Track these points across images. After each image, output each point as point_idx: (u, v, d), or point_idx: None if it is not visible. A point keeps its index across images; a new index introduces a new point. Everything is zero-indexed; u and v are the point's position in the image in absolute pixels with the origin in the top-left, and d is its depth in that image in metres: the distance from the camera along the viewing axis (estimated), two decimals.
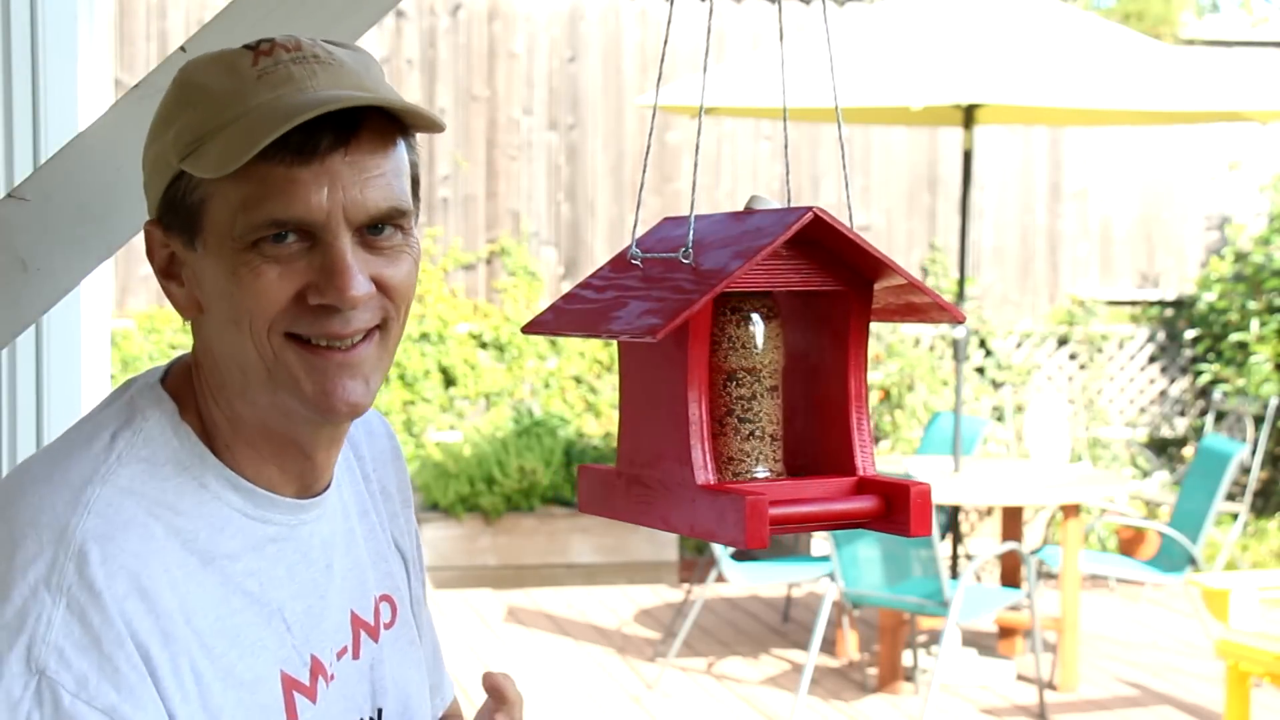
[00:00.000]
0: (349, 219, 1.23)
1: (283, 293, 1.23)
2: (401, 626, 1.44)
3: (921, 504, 1.09)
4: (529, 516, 8.21)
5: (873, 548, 5.74)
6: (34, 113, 1.95)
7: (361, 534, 1.42)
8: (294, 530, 1.31)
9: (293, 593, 1.30)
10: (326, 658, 1.31)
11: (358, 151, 1.24)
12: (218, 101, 1.24)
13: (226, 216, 1.23)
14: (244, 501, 1.29)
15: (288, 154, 1.21)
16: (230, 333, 1.26)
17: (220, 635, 1.24)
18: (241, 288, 1.23)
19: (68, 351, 2.04)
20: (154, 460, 1.26)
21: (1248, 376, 9.39)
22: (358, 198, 1.23)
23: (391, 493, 1.51)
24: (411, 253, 1.30)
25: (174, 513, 1.25)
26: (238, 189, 1.22)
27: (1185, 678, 6.62)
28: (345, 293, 1.22)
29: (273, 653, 1.27)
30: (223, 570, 1.26)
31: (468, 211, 9.23)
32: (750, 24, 9.48)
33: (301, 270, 1.23)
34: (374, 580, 1.41)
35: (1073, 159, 9.97)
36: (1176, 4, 10.42)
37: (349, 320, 1.24)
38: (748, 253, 1.06)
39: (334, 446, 1.34)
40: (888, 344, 9.36)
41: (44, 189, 1.57)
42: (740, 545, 1.03)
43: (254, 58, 1.25)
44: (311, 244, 1.24)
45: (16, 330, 1.63)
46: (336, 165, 1.23)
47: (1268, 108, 6.55)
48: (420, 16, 9.15)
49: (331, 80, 1.25)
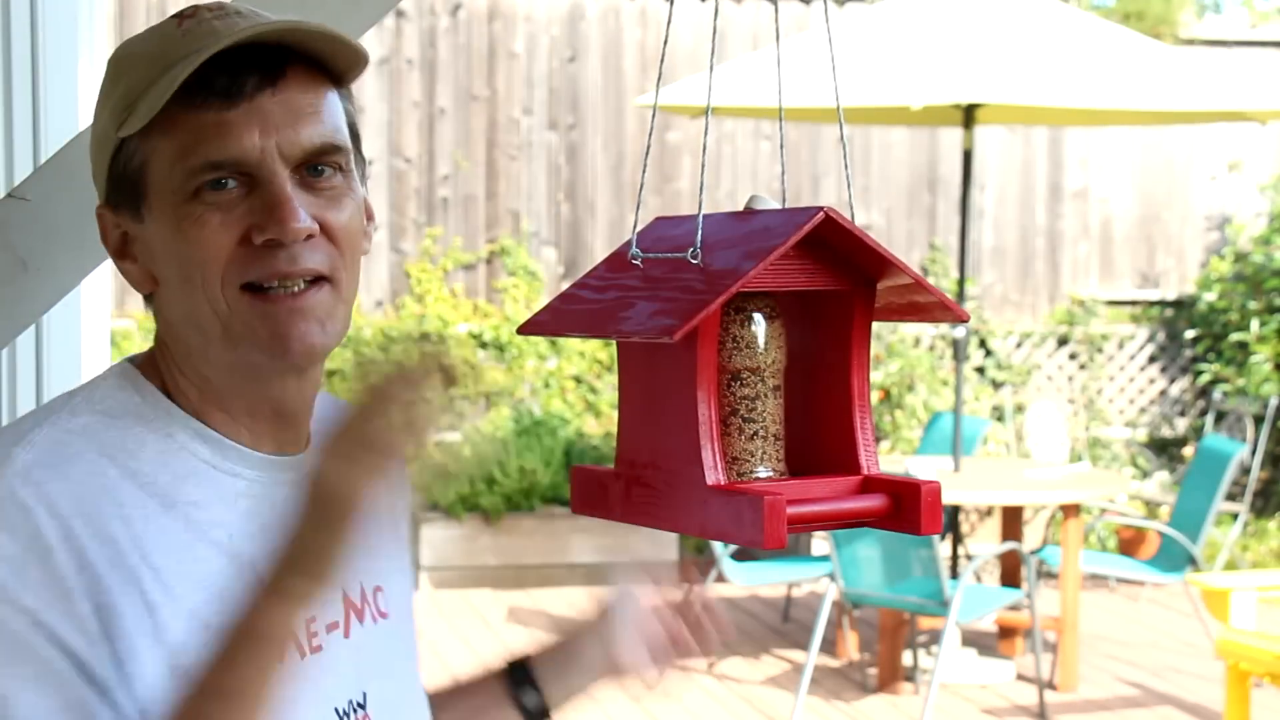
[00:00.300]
0: (284, 155, 1.24)
1: (227, 238, 1.23)
2: (398, 621, 1.43)
3: (933, 502, 1.09)
4: (529, 516, 8.21)
5: (873, 548, 5.73)
6: (34, 113, 1.94)
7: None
8: (268, 489, 1.30)
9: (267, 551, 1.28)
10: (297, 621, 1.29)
11: (286, 90, 1.25)
12: (145, 65, 1.26)
13: (165, 171, 1.25)
14: (212, 453, 1.28)
15: (215, 98, 1.23)
16: (184, 292, 1.26)
17: (183, 577, 1.23)
18: (188, 241, 1.24)
19: (68, 351, 2.04)
20: (112, 413, 1.27)
21: (1248, 376, 9.39)
22: (291, 134, 1.24)
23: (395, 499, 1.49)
24: (354, 198, 1.29)
25: (131, 457, 1.25)
26: (171, 142, 1.24)
27: (1185, 678, 6.62)
28: (287, 223, 1.23)
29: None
30: (187, 516, 1.25)
31: (468, 211, 9.23)
32: (750, 24, 9.48)
33: (243, 214, 1.24)
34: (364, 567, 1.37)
35: (1073, 159, 9.97)
36: (1176, 4, 10.42)
37: (295, 258, 1.24)
38: (759, 253, 1.05)
39: (302, 395, 1.32)
40: (888, 344, 9.36)
41: (44, 189, 1.57)
42: (758, 545, 1.03)
43: (179, 22, 1.27)
44: (250, 187, 1.24)
45: (16, 330, 1.63)
46: (266, 104, 1.24)
47: (1268, 108, 6.55)
48: (420, 16, 9.15)
49: (248, 24, 1.26)
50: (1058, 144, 9.93)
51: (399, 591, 1.45)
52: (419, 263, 9.13)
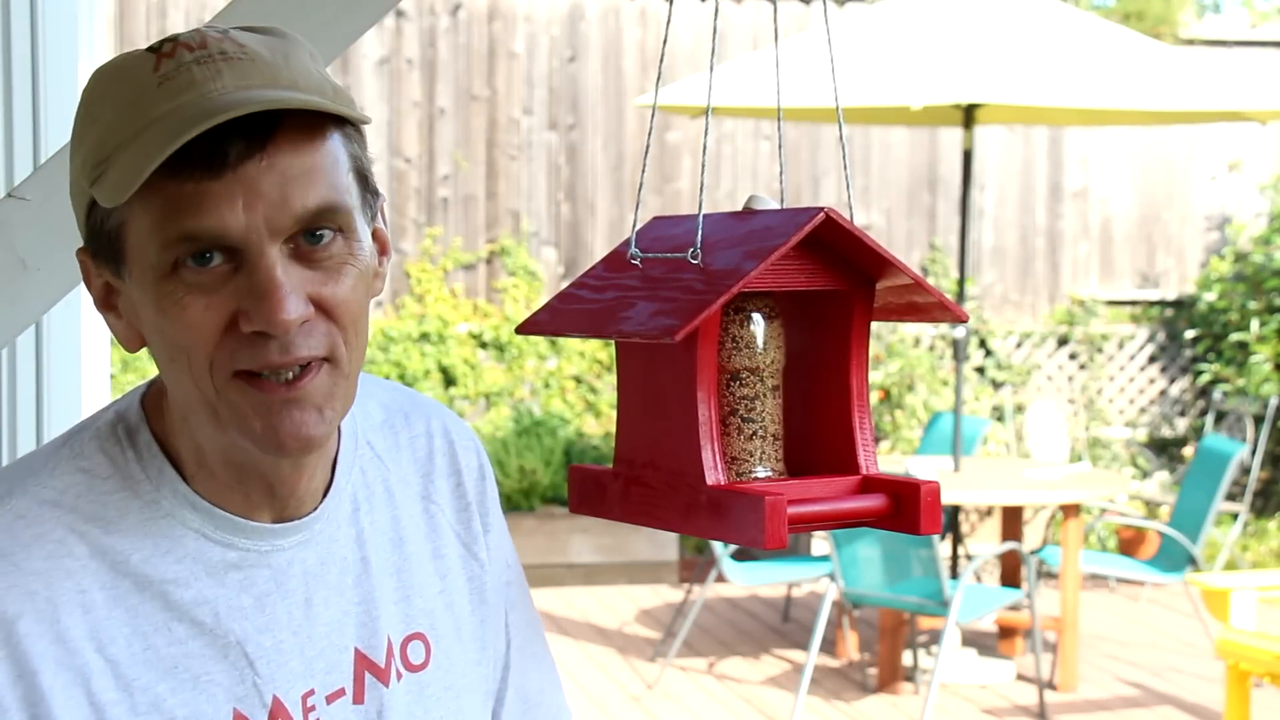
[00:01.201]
0: (273, 229, 1.10)
1: (211, 324, 1.11)
2: (443, 670, 1.31)
3: (932, 502, 1.09)
4: (529, 516, 8.21)
5: (873, 548, 5.73)
6: (34, 113, 1.94)
7: (384, 566, 1.29)
8: (265, 557, 1.21)
9: (260, 626, 1.20)
10: (292, 699, 1.21)
11: (276, 154, 1.10)
12: (117, 116, 1.12)
13: (142, 243, 1.12)
14: (203, 522, 1.19)
15: (195, 168, 1.09)
16: (170, 371, 1.16)
17: (146, 665, 1.15)
18: (169, 321, 1.12)
19: (68, 351, 2.04)
20: (96, 473, 1.18)
21: (1248, 376, 9.39)
22: (279, 203, 1.10)
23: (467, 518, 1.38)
24: (357, 263, 1.15)
25: (106, 529, 1.16)
26: (147, 212, 1.10)
27: (1185, 678, 6.62)
28: (275, 315, 1.09)
29: (225, 689, 1.18)
30: (165, 595, 1.17)
31: (468, 211, 9.23)
32: (750, 24, 9.48)
33: (229, 295, 1.11)
34: (394, 617, 1.28)
35: (1073, 159, 9.97)
36: (1176, 4, 10.42)
37: (287, 347, 1.11)
38: (760, 253, 1.05)
39: (298, 475, 1.22)
40: (888, 344, 9.36)
41: (44, 189, 1.57)
42: (760, 545, 1.02)
43: (156, 61, 1.12)
44: (237, 264, 1.11)
45: (16, 330, 1.63)
46: (251, 173, 1.09)
47: (1268, 108, 6.55)
48: (420, 16, 9.15)
49: (239, 79, 1.11)
50: (1058, 144, 9.93)
51: (454, 630, 1.33)
52: (419, 263, 9.14)
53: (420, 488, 1.35)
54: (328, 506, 1.26)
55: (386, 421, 1.36)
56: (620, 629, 7.35)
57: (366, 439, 1.33)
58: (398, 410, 1.38)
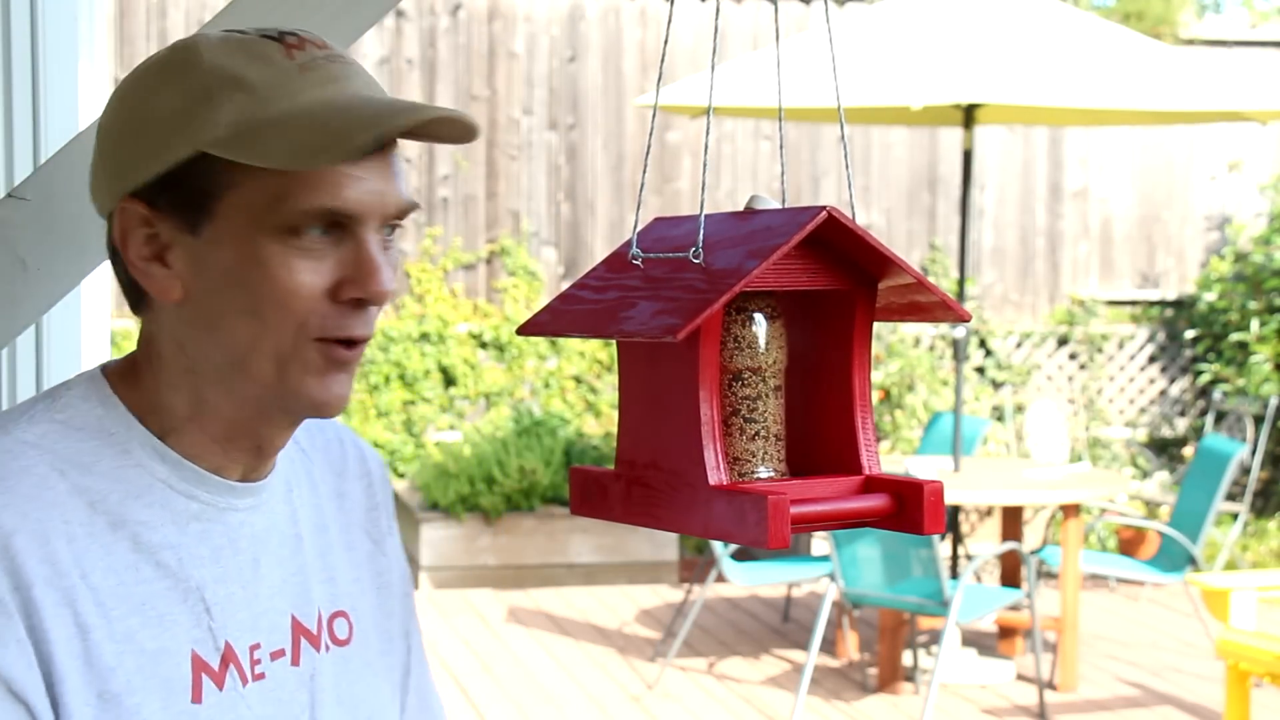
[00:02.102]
0: (384, 215, 1.26)
1: (317, 287, 1.23)
2: (362, 648, 1.41)
3: (935, 502, 1.09)
4: (529, 516, 8.21)
5: (873, 548, 5.73)
6: (34, 113, 1.94)
7: (312, 545, 1.39)
8: (221, 514, 1.29)
9: (215, 575, 1.28)
10: (241, 648, 1.29)
11: (391, 152, 1.27)
12: (262, 90, 1.22)
13: (261, 204, 1.21)
14: (169, 472, 1.27)
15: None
16: (239, 322, 1.23)
17: (122, 599, 1.22)
18: (270, 280, 1.22)
19: (68, 351, 2.04)
20: (70, 424, 1.25)
21: (1248, 376, 9.39)
22: (390, 194, 1.26)
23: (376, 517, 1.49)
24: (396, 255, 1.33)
25: (84, 471, 1.23)
26: (279, 179, 1.21)
27: (1185, 678, 6.62)
28: (380, 287, 1.24)
29: (185, 630, 1.25)
30: (135, 536, 1.24)
31: (468, 211, 9.23)
32: (750, 24, 9.48)
33: (333, 265, 1.24)
34: (322, 593, 1.38)
35: (1073, 159, 9.97)
36: (1176, 4, 10.42)
37: (369, 322, 1.26)
38: (762, 252, 1.05)
39: (285, 439, 1.33)
40: (888, 344, 9.36)
41: (44, 189, 1.57)
42: (762, 545, 1.02)
43: (284, 50, 1.25)
44: (339, 238, 1.24)
45: (16, 330, 1.63)
46: (379, 165, 1.25)
47: (1268, 108, 6.55)
48: (420, 16, 9.15)
49: (364, 82, 1.27)
50: (1058, 144, 9.93)
51: (368, 616, 1.44)
52: (419, 263, 9.14)
53: (335, 485, 1.45)
54: (271, 480, 1.35)
55: (304, 427, 1.45)
56: (620, 629, 7.35)
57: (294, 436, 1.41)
58: (313, 421, 1.47)
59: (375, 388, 8.92)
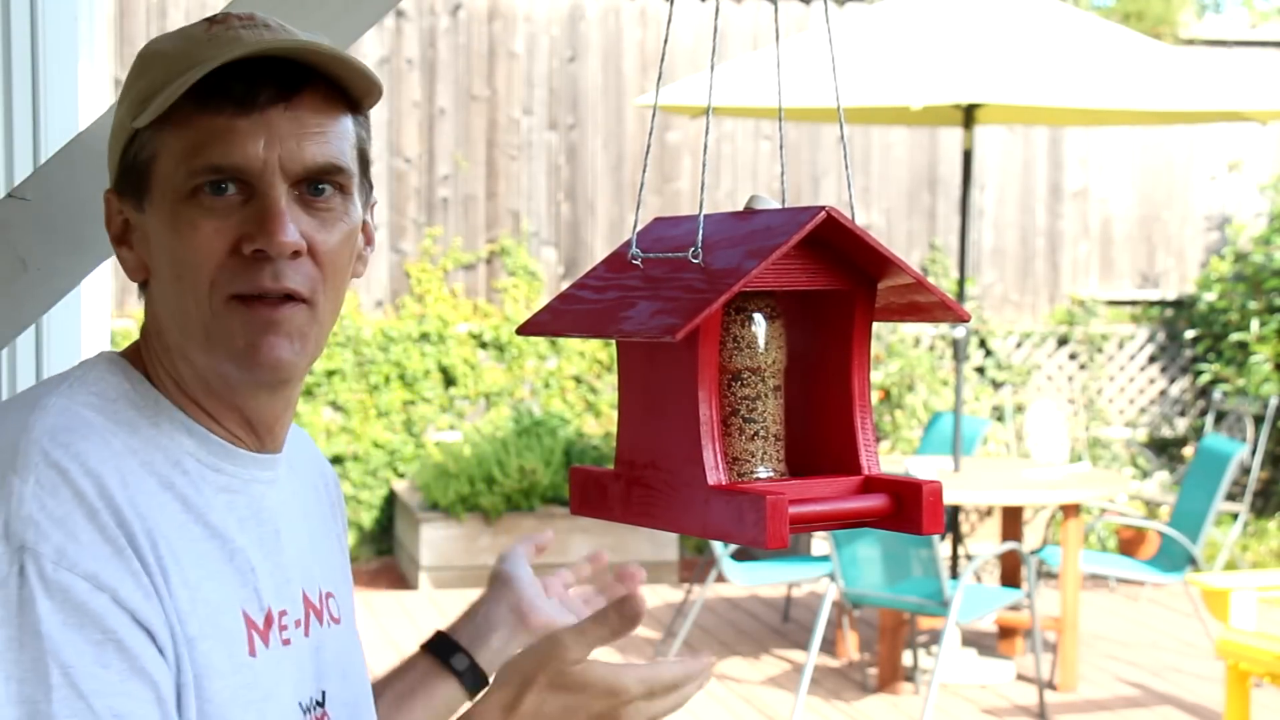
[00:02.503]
0: (285, 170, 1.26)
1: (220, 244, 1.25)
2: (347, 628, 1.46)
3: (934, 502, 1.09)
4: (529, 516, 8.21)
5: (873, 548, 5.73)
6: (34, 113, 1.94)
7: (304, 527, 1.43)
8: (246, 485, 1.33)
9: (247, 542, 1.31)
10: (276, 610, 1.32)
11: (299, 108, 1.27)
12: (168, 62, 1.28)
13: (170, 168, 1.27)
14: (197, 446, 1.30)
15: (229, 104, 1.25)
16: (173, 290, 1.28)
17: (185, 551, 1.25)
18: (181, 241, 1.26)
19: (68, 351, 2.04)
20: (106, 395, 1.29)
21: (1248, 376, 9.39)
22: (294, 149, 1.26)
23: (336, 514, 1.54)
24: (348, 222, 1.31)
25: (131, 435, 1.27)
26: (180, 139, 1.26)
27: (1185, 678, 6.62)
28: (275, 236, 1.24)
29: (235, 589, 1.28)
30: (184, 498, 1.27)
31: (468, 211, 9.23)
32: (750, 24, 9.48)
33: (237, 222, 1.25)
34: (317, 572, 1.42)
35: (1073, 159, 9.97)
36: (1176, 4, 10.42)
37: (279, 274, 1.25)
38: (761, 252, 1.05)
39: (273, 410, 1.34)
40: (888, 344, 9.36)
41: (44, 189, 1.57)
42: (761, 545, 1.02)
43: (208, 26, 1.30)
44: (248, 196, 1.26)
45: (16, 330, 1.63)
46: (275, 118, 1.26)
47: (1268, 108, 6.55)
48: (420, 16, 9.15)
49: (278, 40, 1.28)
50: (1058, 144, 9.93)
51: (346, 602, 1.48)
52: (419, 263, 9.14)
53: (311, 478, 1.50)
54: (282, 457, 1.38)
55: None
56: None
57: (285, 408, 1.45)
58: None
59: (375, 388, 8.92)
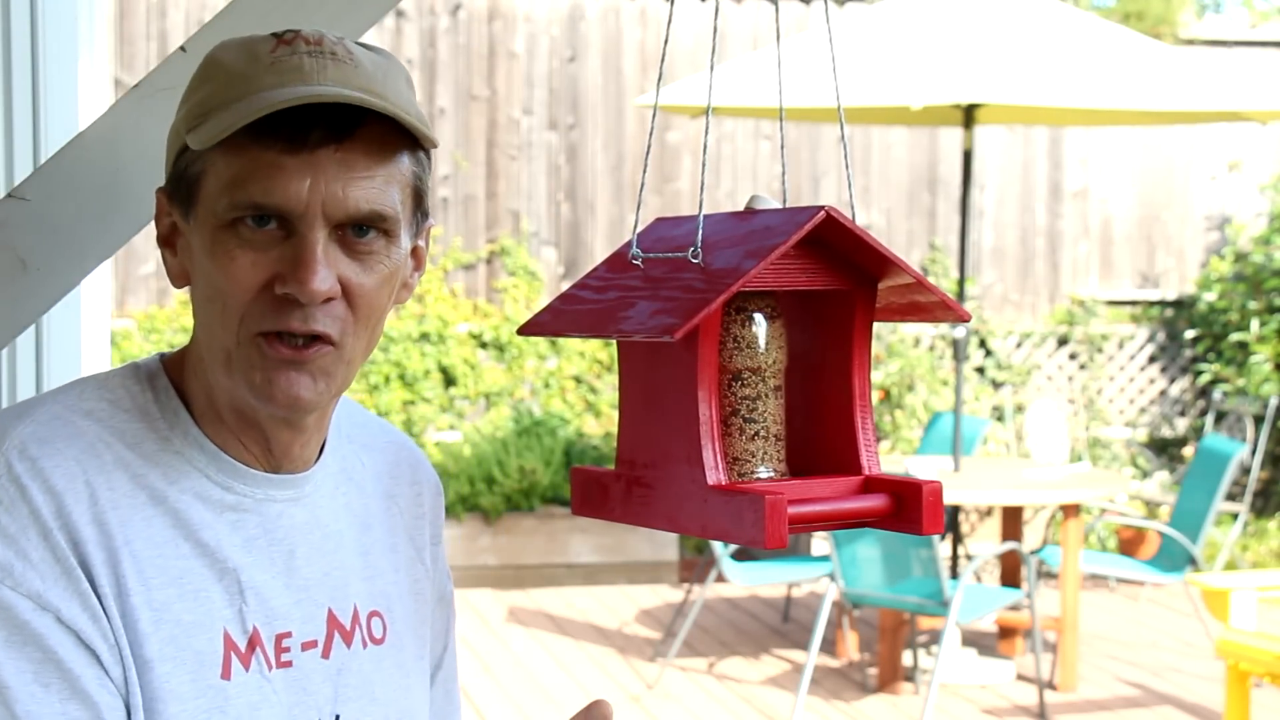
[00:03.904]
0: (326, 214, 1.24)
1: (253, 279, 1.24)
2: (396, 649, 1.42)
3: (934, 502, 1.09)
4: (529, 516, 8.21)
5: (873, 548, 5.73)
6: (34, 113, 1.94)
7: (355, 542, 1.40)
8: (259, 505, 1.32)
9: (248, 563, 1.30)
10: (267, 634, 1.30)
11: (351, 151, 1.24)
12: (229, 80, 1.26)
13: (215, 192, 1.25)
14: (208, 463, 1.30)
15: (279, 141, 1.23)
16: (204, 310, 1.28)
17: (160, 570, 1.25)
18: (217, 268, 1.25)
19: (68, 351, 2.04)
20: (118, 404, 1.29)
21: (1248, 376, 9.39)
22: (339, 194, 1.23)
23: (420, 526, 1.50)
24: (389, 264, 1.28)
25: (128, 447, 1.27)
26: (229, 167, 1.24)
27: (1185, 678, 6.62)
28: (306, 285, 1.22)
29: (219, 609, 1.28)
30: (175, 514, 1.27)
31: (468, 211, 9.23)
32: (750, 24, 9.48)
33: (273, 259, 1.24)
34: (361, 590, 1.39)
35: (1073, 159, 9.97)
36: (1176, 4, 10.41)
37: (307, 319, 1.24)
38: (760, 252, 1.05)
39: (295, 437, 1.33)
40: (888, 344, 9.36)
41: (44, 189, 1.57)
42: (759, 545, 1.03)
43: (274, 44, 1.27)
44: (287, 234, 1.24)
45: (16, 330, 1.63)
46: (324, 160, 1.23)
47: (1268, 108, 6.55)
48: (420, 16, 9.15)
49: (341, 77, 1.25)
50: (1058, 144, 9.93)
51: (405, 620, 1.44)
52: None
53: (386, 487, 1.47)
54: (315, 474, 1.37)
55: (364, 425, 1.49)
56: (620, 629, 7.35)
57: (348, 433, 1.45)
58: (374, 422, 1.52)
59: (375, 388, 8.92)
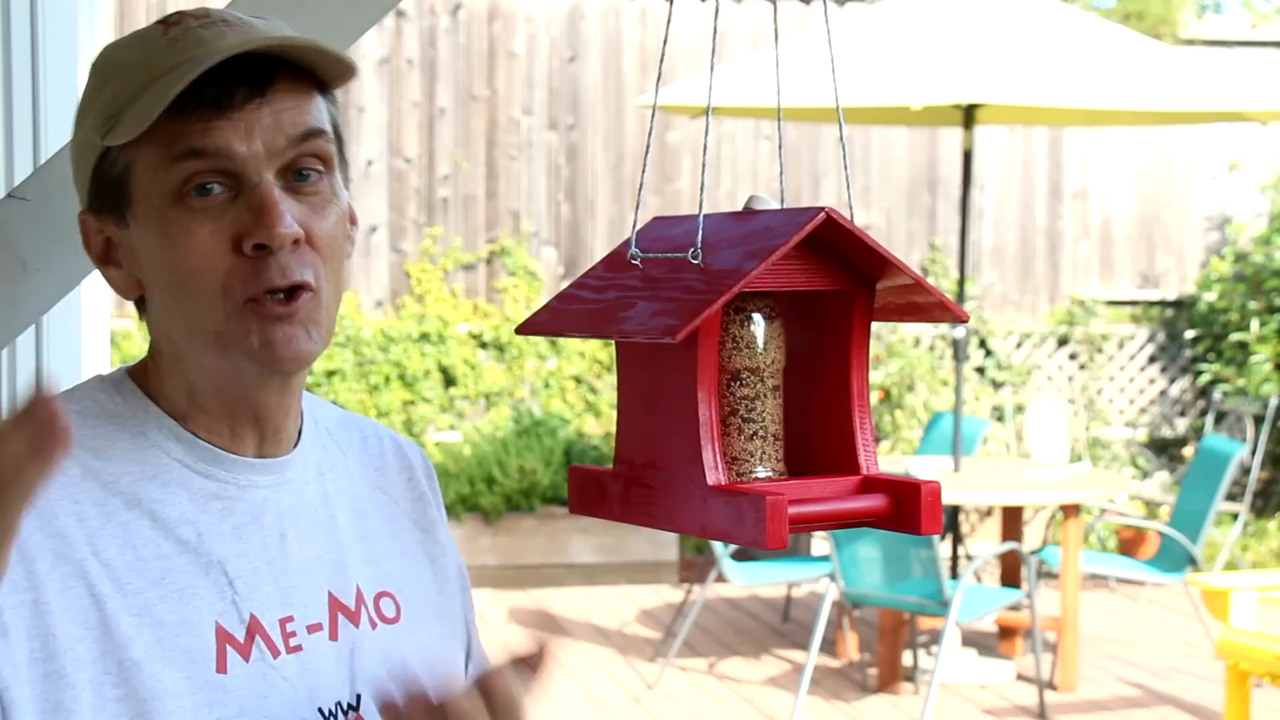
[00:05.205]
0: (270, 152, 1.24)
1: (218, 248, 1.24)
2: (412, 628, 1.42)
3: (932, 502, 1.09)
4: (529, 516, 8.21)
5: (873, 548, 5.74)
6: (34, 113, 1.94)
7: (350, 528, 1.40)
8: (243, 491, 1.32)
9: (238, 550, 1.30)
10: (269, 620, 1.30)
11: (274, 99, 1.26)
12: (130, 72, 1.26)
13: (149, 176, 1.25)
14: (186, 453, 1.30)
15: (204, 109, 1.23)
16: (175, 298, 1.27)
17: (138, 574, 1.24)
18: (177, 249, 1.24)
19: (68, 351, 2.04)
20: (85, 413, 1.28)
21: (1248, 376, 9.39)
22: (272, 129, 1.25)
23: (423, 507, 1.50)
24: (338, 204, 1.29)
25: (96, 456, 1.26)
26: (156, 148, 1.24)
27: (1185, 678, 6.62)
28: (274, 228, 1.22)
29: (208, 603, 1.27)
30: (153, 514, 1.27)
31: (468, 211, 9.23)
32: (750, 24, 9.48)
33: (231, 221, 1.24)
34: (364, 573, 1.39)
35: (1073, 159, 9.97)
36: (1176, 4, 10.42)
37: (285, 269, 1.24)
38: (761, 252, 1.05)
39: (283, 404, 1.33)
40: (888, 344, 9.36)
41: (44, 189, 1.57)
42: (760, 545, 1.02)
43: (164, 29, 1.27)
44: (237, 192, 1.24)
45: (16, 330, 1.63)
46: (252, 112, 1.24)
47: (1268, 108, 6.55)
48: (420, 16, 9.15)
49: (241, 38, 1.26)
50: (1058, 144, 9.93)
51: (428, 600, 1.45)
52: (419, 263, 9.14)
53: (374, 479, 1.46)
54: (296, 459, 1.36)
55: (340, 423, 1.48)
56: (620, 629, 7.35)
57: (325, 426, 1.44)
58: (349, 418, 1.50)
59: (375, 388, 8.92)
